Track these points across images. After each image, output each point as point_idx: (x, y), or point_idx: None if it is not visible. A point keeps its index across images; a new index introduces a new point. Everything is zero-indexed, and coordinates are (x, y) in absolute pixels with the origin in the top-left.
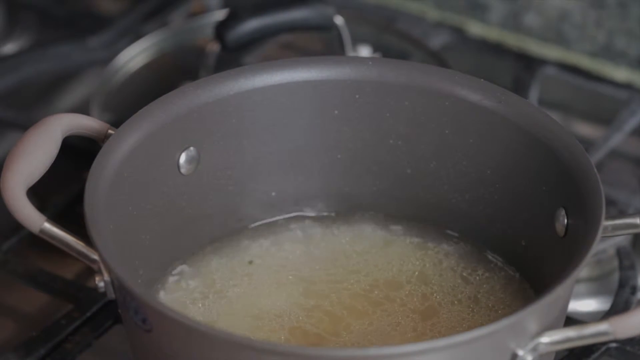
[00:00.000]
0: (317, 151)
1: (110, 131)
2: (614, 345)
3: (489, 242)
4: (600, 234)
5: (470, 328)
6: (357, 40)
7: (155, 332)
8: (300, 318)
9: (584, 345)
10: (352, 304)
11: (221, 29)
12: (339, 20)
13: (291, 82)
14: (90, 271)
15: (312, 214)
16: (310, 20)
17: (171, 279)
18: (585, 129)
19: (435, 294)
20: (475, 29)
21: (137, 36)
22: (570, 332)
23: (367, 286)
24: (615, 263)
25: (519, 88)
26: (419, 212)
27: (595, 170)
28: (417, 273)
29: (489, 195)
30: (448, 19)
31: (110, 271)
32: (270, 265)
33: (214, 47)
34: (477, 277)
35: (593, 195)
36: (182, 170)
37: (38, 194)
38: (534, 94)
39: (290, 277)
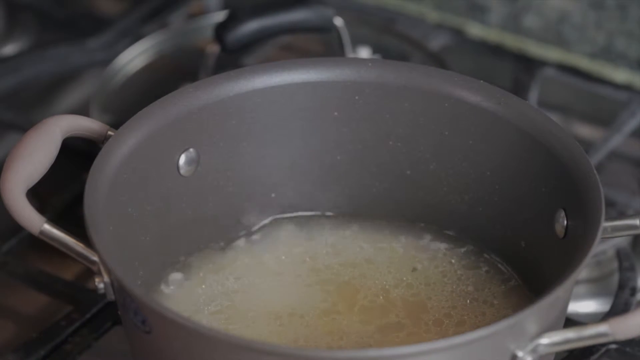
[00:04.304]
0: (316, 152)
1: (109, 132)
2: (613, 346)
3: (488, 243)
4: (599, 235)
5: (469, 329)
6: (356, 42)
7: (155, 334)
8: (300, 319)
9: (584, 347)
10: (352, 304)
11: (221, 30)
12: (338, 21)
13: (291, 84)
14: (90, 272)
15: (311, 215)
16: (310, 22)
17: (171, 280)
18: (584, 131)
19: (434, 295)
20: (475, 30)
21: (136, 37)
22: (570, 334)
23: (367, 287)
24: (615, 264)
25: (519, 89)
26: (418, 213)
27: (595, 171)
28: (416, 274)
29: (488, 196)
30: (448, 20)
31: (110, 272)
32: (270, 266)
33: (213, 49)
34: (477, 278)
35: (593, 196)
36: (182, 172)
37: (38, 195)
38: (533, 95)
39: (290, 278)
